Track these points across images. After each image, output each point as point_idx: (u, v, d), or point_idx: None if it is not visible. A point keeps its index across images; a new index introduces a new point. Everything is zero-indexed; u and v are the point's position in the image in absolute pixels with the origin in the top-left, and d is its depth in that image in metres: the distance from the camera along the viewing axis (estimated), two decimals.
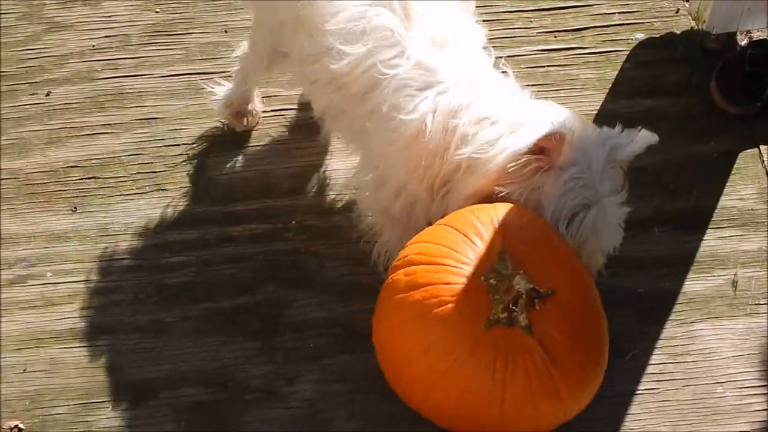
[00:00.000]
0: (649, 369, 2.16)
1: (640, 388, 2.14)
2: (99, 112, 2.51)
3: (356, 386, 2.15)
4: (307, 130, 2.48)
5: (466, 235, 1.94)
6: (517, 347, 1.89)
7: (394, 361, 2.01)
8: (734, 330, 2.21)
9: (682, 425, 2.10)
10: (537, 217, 1.95)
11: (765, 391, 2.14)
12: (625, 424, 2.10)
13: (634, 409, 2.12)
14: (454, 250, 1.94)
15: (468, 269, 1.92)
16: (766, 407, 2.11)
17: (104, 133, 2.48)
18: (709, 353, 2.19)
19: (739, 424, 2.10)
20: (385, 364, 2.04)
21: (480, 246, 1.93)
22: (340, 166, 2.43)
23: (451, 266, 1.93)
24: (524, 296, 1.89)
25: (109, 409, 2.14)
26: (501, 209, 1.95)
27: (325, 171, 2.43)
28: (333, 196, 2.39)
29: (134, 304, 2.26)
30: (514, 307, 1.89)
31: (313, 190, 2.40)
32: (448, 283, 1.92)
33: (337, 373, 2.17)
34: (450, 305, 1.90)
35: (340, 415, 2.12)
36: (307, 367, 2.18)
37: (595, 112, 2.50)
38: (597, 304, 1.97)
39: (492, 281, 1.90)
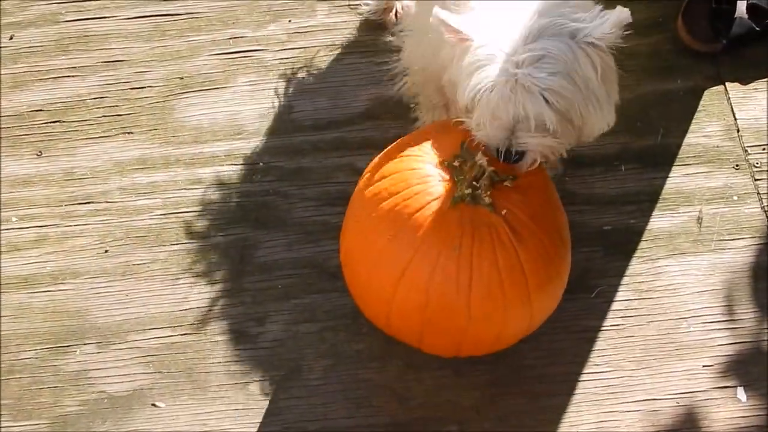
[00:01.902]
0: (615, 305, 2.18)
1: (605, 324, 2.17)
2: (63, 55, 2.48)
3: (325, 325, 2.16)
4: (275, 71, 2.46)
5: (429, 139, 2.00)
6: (482, 222, 1.90)
7: (360, 265, 2.00)
8: (699, 266, 2.23)
9: (647, 360, 2.13)
10: None
11: (729, 326, 2.17)
12: (591, 359, 2.13)
13: (600, 344, 2.15)
14: (419, 149, 1.99)
15: (432, 158, 1.96)
16: (729, 342, 2.14)
17: (69, 76, 2.46)
18: (674, 289, 2.21)
19: (703, 359, 2.12)
20: (352, 275, 2.04)
21: (443, 144, 1.97)
22: (309, 106, 2.42)
23: (416, 155, 1.96)
24: (486, 175, 1.91)
25: (77, 353, 2.15)
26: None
27: (293, 112, 2.42)
28: (301, 137, 2.39)
29: (101, 248, 2.26)
30: (477, 185, 1.91)
31: (282, 131, 2.40)
32: (413, 169, 1.95)
33: (306, 312, 2.18)
34: (416, 190, 1.92)
35: (309, 354, 2.14)
36: (276, 308, 2.19)
37: None
38: (556, 198, 2.02)
39: (455, 163, 1.93)
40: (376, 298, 2.01)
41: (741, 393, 2.08)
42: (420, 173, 1.95)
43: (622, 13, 1.85)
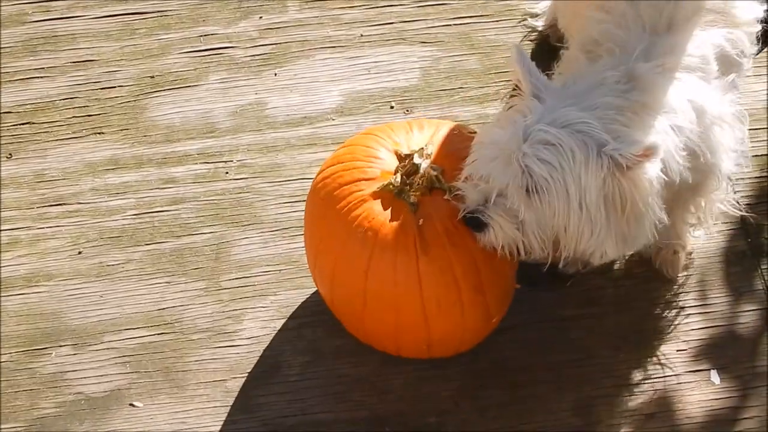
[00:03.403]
0: (590, 294, 2.17)
1: (582, 312, 2.16)
2: (31, 56, 2.47)
3: (303, 322, 2.16)
4: (246, 68, 2.46)
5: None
6: (396, 218, 1.88)
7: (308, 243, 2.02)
8: None
9: (622, 346, 2.13)
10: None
11: (702, 311, 2.17)
12: (568, 347, 2.12)
13: (576, 333, 2.14)
14: (387, 133, 1.99)
15: (392, 145, 1.95)
16: (702, 326, 2.15)
17: (38, 77, 2.45)
18: (647, 276, 2.19)
19: (676, 343, 2.13)
20: (316, 267, 2.03)
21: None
22: (281, 103, 2.42)
23: (379, 136, 1.97)
24: (422, 176, 1.90)
25: (53, 355, 2.14)
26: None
27: (266, 108, 2.41)
28: (275, 134, 2.38)
29: (74, 249, 2.25)
30: (408, 180, 1.91)
31: (255, 128, 2.39)
32: (367, 146, 1.95)
33: (284, 309, 2.18)
34: (357, 165, 1.93)
35: (287, 351, 2.13)
36: (253, 305, 2.18)
37: None
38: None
39: (402, 154, 1.93)
40: (318, 280, 2.04)
41: (714, 376, 2.10)
42: (370, 152, 1.95)
43: (653, 142, 1.71)
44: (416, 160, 1.92)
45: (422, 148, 1.93)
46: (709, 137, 1.87)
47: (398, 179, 1.91)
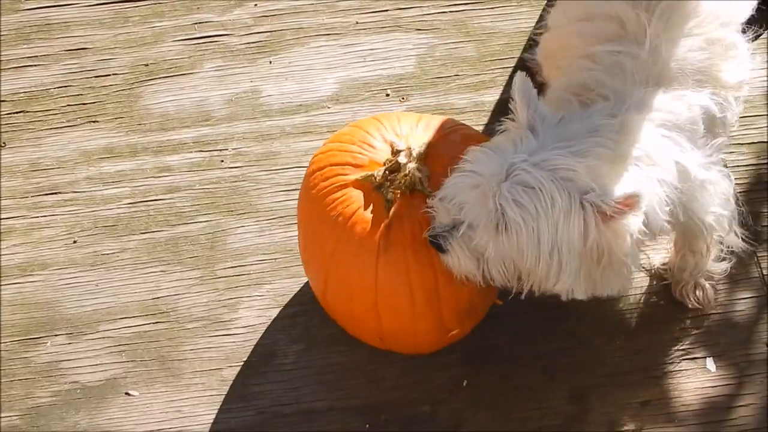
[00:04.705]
0: None
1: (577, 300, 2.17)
2: (25, 44, 2.46)
3: (297, 310, 2.16)
4: (241, 56, 2.45)
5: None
6: (368, 208, 1.87)
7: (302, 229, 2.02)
8: (666, 240, 2.23)
9: (616, 334, 2.12)
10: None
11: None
12: (561, 336, 2.12)
13: (569, 322, 2.13)
14: (392, 122, 1.97)
15: (392, 136, 1.94)
16: (698, 314, 2.15)
17: (31, 65, 2.44)
18: (642, 264, 2.21)
19: (672, 331, 2.13)
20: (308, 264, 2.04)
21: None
22: (277, 91, 2.41)
23: (382, 125, 1.96)
24: (405, 176, 1.88)
25: (48, 344, 2.14)
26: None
27: (261, 96, 2.41)
28: (270, 122, 2.38)
29: (69, 238, 2.25)
30: (389, 176, 1.89)
31: (250, 116, 2.39)
32: (366, 132, 1.94)
33: (279, 298, 2.18)
34: (351, 148, 1.93)
35: (282, 339, 2.13)
36: (248, 294, 2.18)
37: None
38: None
39: (395, 148, 1.91)
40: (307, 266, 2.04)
41: (710, 363, 2.10)
42: (366, 138, 1.94)
43: (637, 191, 1.66)
44: (401, 158, 1.89)
45: (409, 148, 1.90)
46: (694, 199, 1.85)
47: (380, 173, 1.90)
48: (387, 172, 1.90)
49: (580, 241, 1.68)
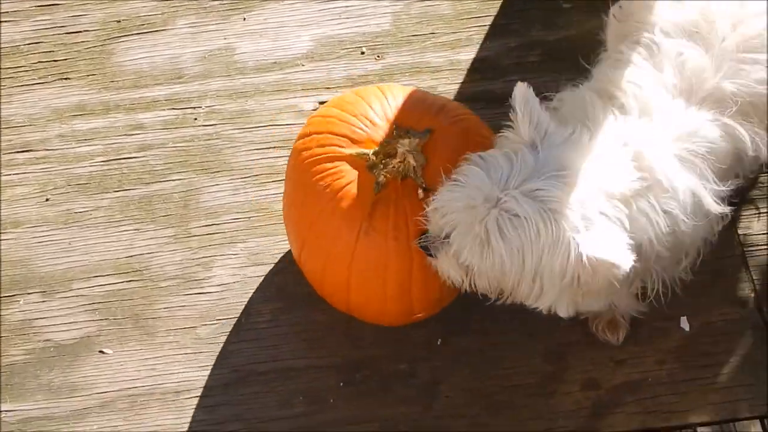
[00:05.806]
0: None
1: None
2: None
3: (273, 269, 2.15)
4: (215, 13, 2.42)
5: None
6: (355, 184, 1.86)
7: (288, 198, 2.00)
8: None
9: None
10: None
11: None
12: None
13: None
14: (399, 101, 1.93)
15: (393, 114, 1.90)
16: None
17: (2, 21, 2.39)
18: None
19: (647, 290, 2.14)
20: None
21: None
22: (251, 48, 2.38)
23: (387, 103, 1.92)
24: (400, 162, 1.86)
25: (21, 302, 2.12)
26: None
27: (234, 54, 2.38)
28: (244, 80, 2.35)
29: (42, 196, 2.22)
30: (384, 160, 1.87)
31: (224, 74, 2.36)
32: (369, 105, 1.91)
33: (253, 256, 2.17)
34: (350, 120, 1.90)
35: (256, 298, 2.13)
36: (222, 252, 2.17)
37: None
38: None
39: (397, 131, 1.89)
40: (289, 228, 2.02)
41: (684, 323, 2.11)
42: (368, 113, 1.91)
43: (621, 262, 1.61)
44: (399, 146, 1.86)
45: (410, 136, 1.86)
46: (696, 230, 1.81)
47: (375, 155, 1.87)
48: (383, 154, 1.87)
49: (562, 272, 1.66)
